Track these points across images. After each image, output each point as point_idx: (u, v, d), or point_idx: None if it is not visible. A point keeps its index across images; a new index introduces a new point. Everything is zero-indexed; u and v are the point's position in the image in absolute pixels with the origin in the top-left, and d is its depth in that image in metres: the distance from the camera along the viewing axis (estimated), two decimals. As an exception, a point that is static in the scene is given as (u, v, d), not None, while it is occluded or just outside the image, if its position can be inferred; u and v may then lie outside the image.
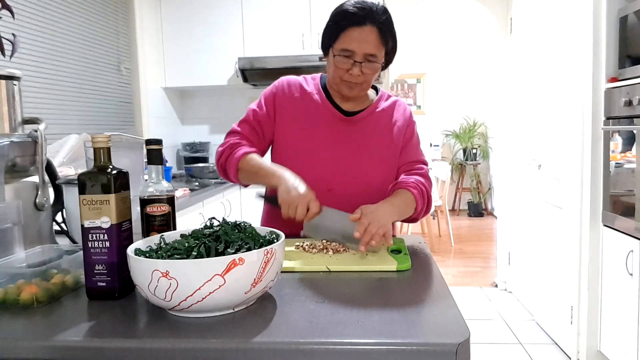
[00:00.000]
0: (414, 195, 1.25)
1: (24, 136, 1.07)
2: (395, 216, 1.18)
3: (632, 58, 2.10)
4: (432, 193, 1.35)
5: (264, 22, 3.34)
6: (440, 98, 6.83)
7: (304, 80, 1.40)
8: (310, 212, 1.10)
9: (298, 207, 1.09)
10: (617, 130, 2.18)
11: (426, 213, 1.34)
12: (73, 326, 0.75)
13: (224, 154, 1.31)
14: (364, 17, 1.20)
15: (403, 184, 1.28)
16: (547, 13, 2.83)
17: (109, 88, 2.93)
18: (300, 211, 1.09)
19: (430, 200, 1.32)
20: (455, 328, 0.71)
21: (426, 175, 1.34)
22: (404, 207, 1.24)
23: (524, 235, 3.25)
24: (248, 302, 0.80)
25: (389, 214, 1.14)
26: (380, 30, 1.21)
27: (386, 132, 1.36)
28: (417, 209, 1.27)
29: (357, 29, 1.20)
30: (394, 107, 1.40)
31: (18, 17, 2.08)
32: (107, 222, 0.85)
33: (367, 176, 1.32)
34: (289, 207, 1.10)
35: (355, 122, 1.35)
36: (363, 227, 1.06)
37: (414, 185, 1.27)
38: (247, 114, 1.38)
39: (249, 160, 1.26)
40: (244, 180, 1.31)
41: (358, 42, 1.20)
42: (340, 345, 0.67)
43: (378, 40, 1.22)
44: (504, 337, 2.84)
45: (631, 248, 2.03)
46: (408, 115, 1.40)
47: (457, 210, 6.76)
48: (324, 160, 1.31)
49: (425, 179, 1.32)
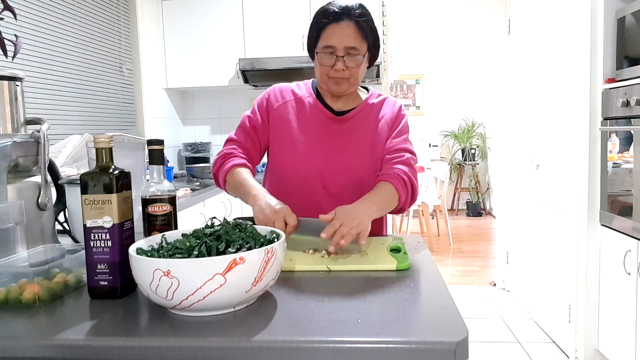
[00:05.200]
0: (394, 186, 1.25)
1: (27, 136, 1.08)
2: (374, 213, 1.17)
3: (630, 59, 2.11)
4: (431, 193, 1.36)
5: (264, 24, 3.35)
6: (439, 99, 6.84)
7: (296, 86, 1.44)
8: (288, 226, 1.10)
9: (275, 223, 1.10)
10: (614, 130, 2.19)
11: (412, 202, 1.32)
12: (75, 325, 0.75)
13: (216, 163, 1.36)
14: (341, 14, 1.26)
15: (383, 175, 1.28)
16: (545, 14, 2.83)
17: (111, 89, 2.93)
18: (279, 226, 1.09)
19: (415, 189, 1.31)
20: (454, 327, 0.71)
21: (408, 163, 1.32)
22: (385, 201, 1.24)
23: (523, 235, 3.26)
24: (249, 301, 0.80)
25: (367, 212, 1.14)
26: (358, 24, 1.27)
27: (374, 128, 1.38)
28: (400, 199, 1.26)
29: (335, 25, 1.27)
30: (383, 103, 1.43)
31: (20, 18, 2.08)
32: (109, 221, 0.85)
33: (358, 172, 1.34)
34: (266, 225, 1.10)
35: (345, 120, 1.38)
36: (333, 229, 1.06)
37: (394, 176, 1.26)
38: (242, 121, 1.42)
39: (234, 174, 1.30)
40: (231, 192, 1.34)
41: (337, 37, 1.26)
42: (340, 344, 0.68)
43: (357, 34, 1.27)
44: (502, 336, 2.85)
45: (629, 247, 2.04)
46: (397, 110, 1.42)
47: (455, 210, 6.77)
48: (317, 158, 1.34)
49: (408, 167, 1.31)
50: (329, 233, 1.06)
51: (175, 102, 3.73)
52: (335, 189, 1.34)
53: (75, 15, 2.59)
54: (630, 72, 2.08)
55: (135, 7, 3.16)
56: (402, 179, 1.27)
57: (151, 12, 3.36)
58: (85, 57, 2.68)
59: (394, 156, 1.33)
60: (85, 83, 2.68)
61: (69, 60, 2.53)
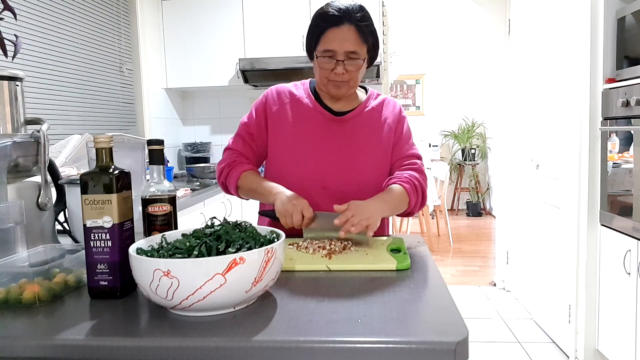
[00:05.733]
0: (406, 190, 1.29)
1: (27, 136, 1.08)
2: (385, 211, 1.23)
3: (630, 59, 2.11)
4: (431, 193, 1.38)
5: (264, 23, 3.35)
6: (439, 99, 6.84)
7: (294, 87, 1.44)
8: (305, 219, 1.18)
9: (293, 215, 1.18)
10: (614, 130, 2.19)
11: (421, 207, 1.36)
12: (75, 325, 0.75)
13: (223, 172, 1.39)
14: (341, 18, 1.25)
15: (396, 179, 1.32)
16: (545, 14, 2.83)
17: (111, 89, 2.93)
18: (296, 218, 1.18)
19: (424, 194, 1.35)
20: (454, 327, 0.71)
21: (420, 170, 1.37)
22: (396, 202, 1.28)
23: (522, 235, 3.26)
24: (249, 300, 0.80)
25: (378, 209, 1.19)
26: (358, 28, 1.26)
27: (376, 130, 1.39)
28: (410, 203, 1.31)
29: (335, 29, 1.26)
30: (383, 104, 1.43)
31: (20, 18, 2.09)
32: (109, 221, 0.85)
33: (358, 173, 1.35)
34: (285, 217, 1.19)
35: (345, 121, 1.38)
36: (345, 217, 1.14)
37: (406, 180, 1.31)
38: (240, 128, 1.43)
39: (245, 178, 1.35)
40: (244, 196, 1.39)
41: (338, 41, 1.26)
42: (340, 344, 0.68)
43: (357, 38, 1.27)
44: (502, 336, 2.85)
45: (629, 247, 2.04)
46: (398, 112, 1.43)
47: (455, 210, 6.77)
48: (317, 159, 1.35)
49: (419, 174, 1.35)
50: (342, 221, 1.13)
51: (175, 102, 3.73)
52: (335, 189, 1.34)
53: (75, 15, 2.59)
54: (630, 72, 2.08)
55: (135, 7, 3.16)
56: (414, 184, 1.31)
57: (151, 12, 3.36)
58: (85, 57, 2.68)
59: (406, 163, 1.38)
60: (85, 83, 2.68)
61: (69, 60, 2.53)
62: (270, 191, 1.29)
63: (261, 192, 1.31)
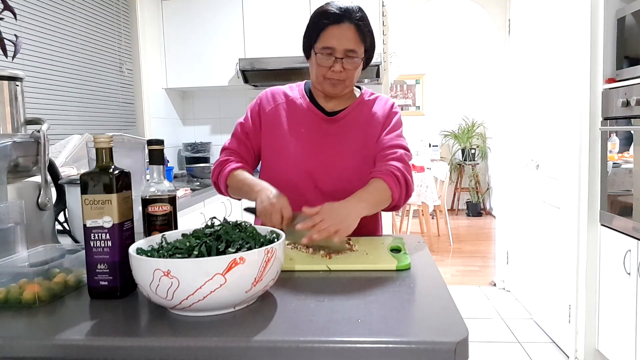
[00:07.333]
0: (387, 182, 1.24)
1: (27, 136, 1.08)
2: (364, 210, 1.17)
3: (630, 59, 2.11)
4: (431, 193, 1.36)
5: (264, 23, 3.35)
6: (439, 99, 6.84)
7: (289, 88, 1.46)
8: (284, 219, 1.16)
9: (272, 215, 1.16)
10: (614, 130, 2.19)
11: (407, 198, 1.30)
12: (75, 325, 0.75)
13: (214, 172, 1.40)
14: (342, 16, 1.27)
15: (376, 172, 1.27)
16: (545, 14, 2.83)
17: (110, 89, 2.93)
18: (276, 218, 1.15)
19: (409, 184, 1.29)
20: (454, 327, 0.71)
21: (401, 159, 1.30)
22: (377, 199, 1.23)
23: (522, 235, 3.26)
24: (249, 301, 0.80)
25: (352, 211, 1.14)
26: (358, 27, 1.28)
27: (364, 125, 1.38)
28: (393, 196, 1.25)
29: (335, 27, 1.27)
30: (375, 101, 1.43)
31: (20, 18, 2.08)
32: (109, 221, 0.85)
33: (349, 171, 1.35)
34: (265, 216, 1.17)
35: (337, 120, 1.38)
36: (312, 223, 1.09)
37: (386, 172, 1.25)
38: (236, 128, 1.45)
39: (234, 176, 1.35)
40: (233, 195, 1.39)
41: (337, 39, 1.27)
42: (340, 344, 0.68)
43: (356, 37, 1.28)
44: (502, 336, 2.85)
45: (629, 247, 2.04)
46: (389, 107, 1.41)
47: (455, 210, 6.77)
48: (309, 159, 1.35)
49: (401, 163, 1.29)
50: (306, 226, 1.08)
51: (175, 102, 3.73)
52: (326, 188, 1.34)
53: (75, 15, 2.58)
54: (630, 72, 2.08)
55: (135, 7, 3.16)
56: (394, 175, 1.25)
57: (151, 12, 3.36)
58: (85, 57, 2.68)
59: (387, 152, 1.32)
60: (85, 83, 2.68)
61: (69, 60, 2.53)
62: (252, 188, 1.27)
63: (245, 190, 1.30)
